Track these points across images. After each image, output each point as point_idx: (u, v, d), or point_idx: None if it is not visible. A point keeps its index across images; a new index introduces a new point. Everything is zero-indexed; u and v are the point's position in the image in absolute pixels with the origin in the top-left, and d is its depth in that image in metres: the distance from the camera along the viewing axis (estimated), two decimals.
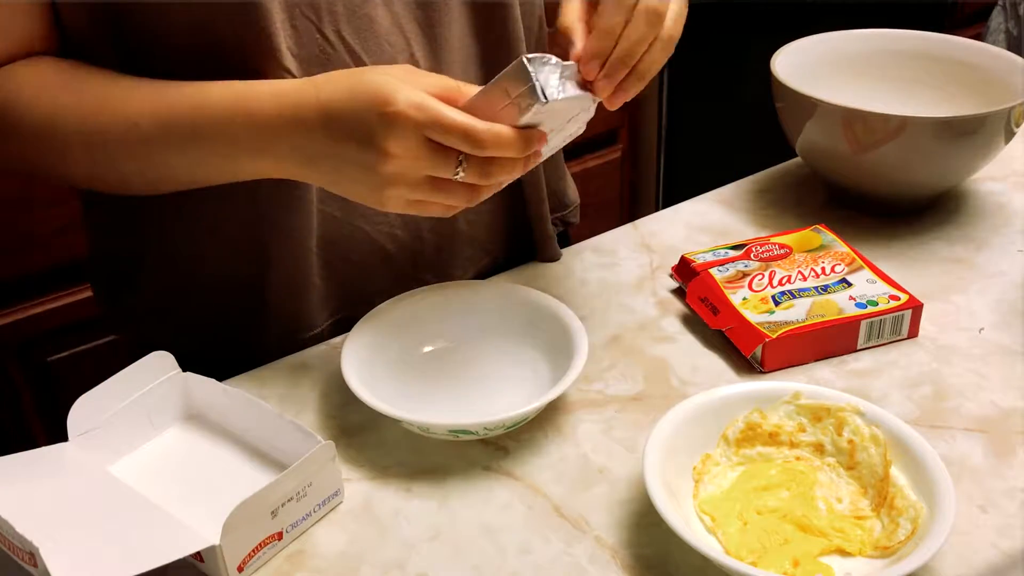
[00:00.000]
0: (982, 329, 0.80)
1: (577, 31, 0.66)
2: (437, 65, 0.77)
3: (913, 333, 0.79)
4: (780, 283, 0.81)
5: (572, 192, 0.98)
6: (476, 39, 0.79)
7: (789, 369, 0.76)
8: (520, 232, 0.90)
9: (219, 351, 0.82)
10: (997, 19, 1.87)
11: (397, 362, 0.76)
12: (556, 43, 0.67)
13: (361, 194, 0.65)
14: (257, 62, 0.68)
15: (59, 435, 0.66)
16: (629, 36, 0.64)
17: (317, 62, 0.71)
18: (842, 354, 0.78)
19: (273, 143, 0.65)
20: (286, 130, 0.64)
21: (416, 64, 0.76)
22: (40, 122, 0.68)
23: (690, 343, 0.80)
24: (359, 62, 0.72)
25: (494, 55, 0.80)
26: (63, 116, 0.67)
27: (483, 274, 0.89)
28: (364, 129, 0.61)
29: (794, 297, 0.79)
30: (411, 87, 0.61)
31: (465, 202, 0.65)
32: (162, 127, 0.66)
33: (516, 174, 0.65)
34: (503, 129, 0.61)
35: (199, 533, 0.59)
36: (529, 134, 0.63)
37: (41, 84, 0.68)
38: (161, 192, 0.73)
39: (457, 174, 0.63)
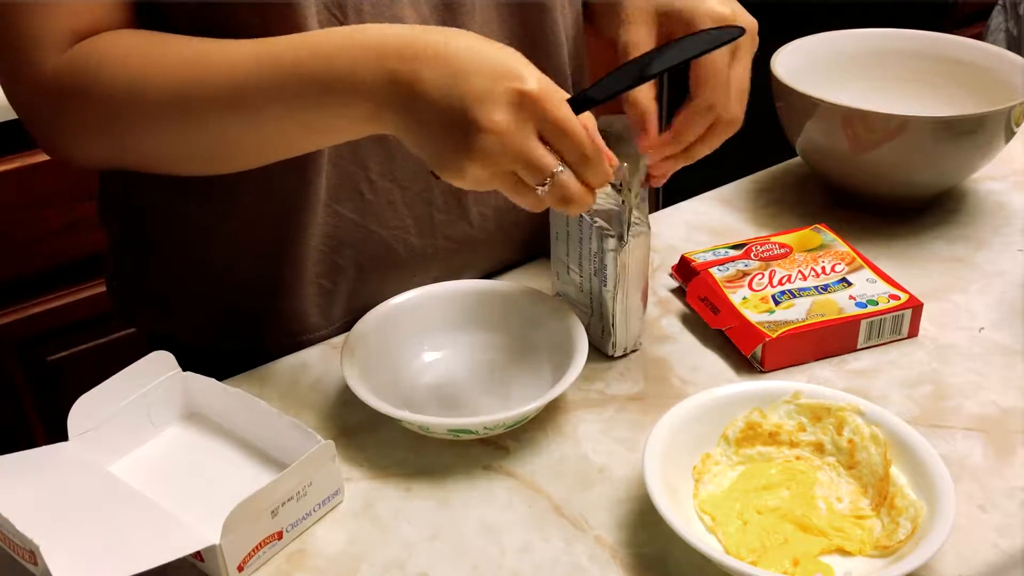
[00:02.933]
0: (982, 328, 0.80)
1: (651, 115, 0.70)
2: None
3: (913, 333, 0.79)
4: (780, 282, 0.81)
5: None
6: (508, 42, 0.79)
7: (789, 369, 0.76)
8: (542, 243, 0.90)
9: (227, 348, 0.82)
10: (997, 19, 1.87)
11: (397, 361, 0.76)
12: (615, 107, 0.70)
13: (440, 155, 0.59)
14: None
15: (59, 435, 0.66)
16: (698, 148, 0.72)
17: None
18: (842, 353, 0.78)
19: (380, 73, 0.59)
20: (404, 58, 0.58)
21: None
22: (130, 84, 0.63)
23: (690, 343, 0.80)
24: None
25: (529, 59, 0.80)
26: (155, 74, 0.63)
27: (490, 276, 0.89)
28: (482, 92, 0.56)
29: (794, 296, 0.79)
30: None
31: (529, 208, 0.62)
32: (261, 69, 0.61)
33: (583, 208, 0.62)
34: (603, 151, 0.61)
35: (199, 533, 0.59)
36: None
37: (127, 47, 0.65)
38: (239, 167, 0.69)
39: (543, 186, 0.60)
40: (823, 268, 0.82)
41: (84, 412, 0.66)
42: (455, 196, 0.81)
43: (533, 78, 0.57)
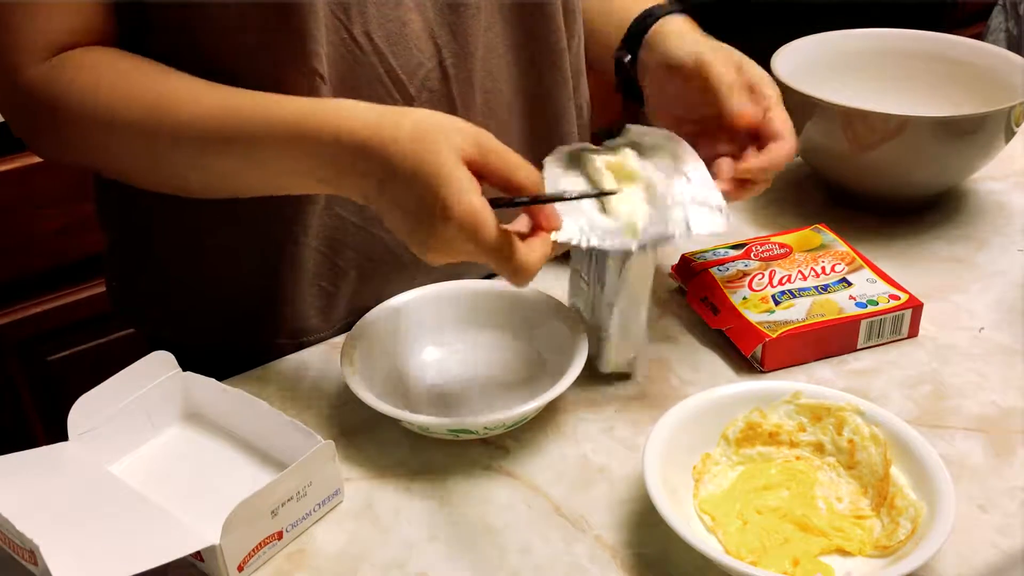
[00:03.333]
0: (982, 328, 0.80)
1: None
2: (468, 74, 0.76)
3: (913, 333, 0.79)
4: (780, 283, 0.81)
5: None
6: (511, 49, 0.79)
7: (789, 369, 0.76)
8: None
9: (227, 348, 0.82)
10: (997, 19, 1.87)
11: (397, 361, 0.76)
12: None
13: (402, 238, 0.64)
14: (285, 60, 0.68)
15: (59, 435, 0.66)
16: (737, 195, 0.73)
17: (344, 63, 0.70)
18: (842, 354, 0.78)
19: (328, 174, 0.64)
20: (346, 171, 0.62)
21: (445, 72, 0.75)
22: (102, 113, 0.66)
23: (690, 343, 0.80)
24: (387, 66, 0.72)
25: (529, 66, 0.80)
26: (125, 109, 0.65)
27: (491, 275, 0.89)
28: (416, 214, 0.60)
29: (794, 296, 0.79)
30: (468, 189, 0.59)
31: None
32: (225, 137, 0.64)
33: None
34: (539, 259, 0.62)
35: (199, 533, 0.59)
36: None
37: (101, 74, 0.67)
38: (218, 197, 0.71)
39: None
40: (823, 268, 0.82)
41: (84, 412, 0.66)
42: None
43: (457, 207, 0.58)
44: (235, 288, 0.81)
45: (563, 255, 0.87)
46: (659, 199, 0.69)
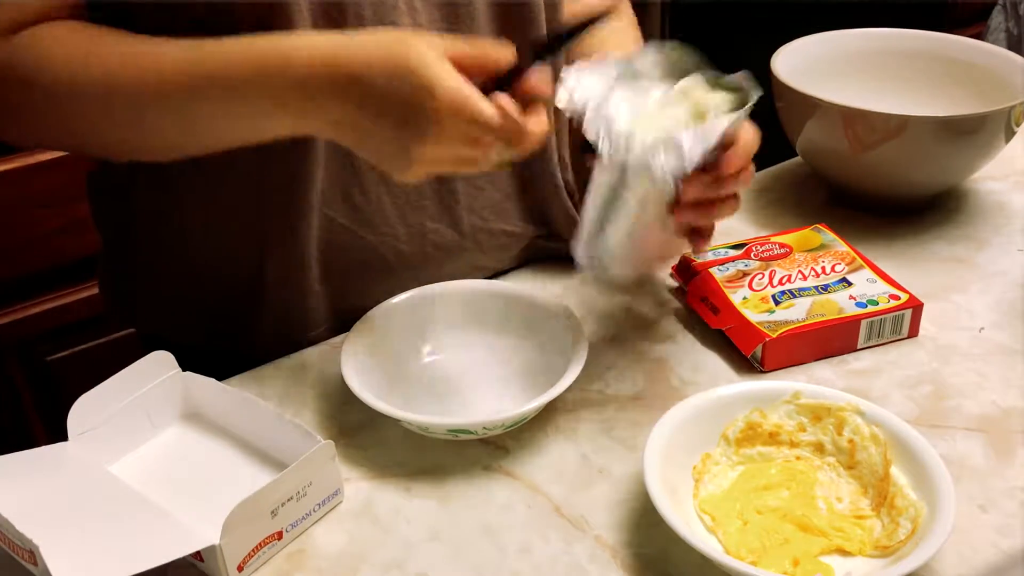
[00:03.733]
0: (982, 328, 0.80)
1: None
2: None
3: (913, 333, 0.79)
4: (780, 282, 0.81)
5: None
6: None
7: (789, 369, 0.76)
8: (535, 253, 0.89)
9: (218, 348, 0.82)
10: (997, 19, 1.87)
11: (397, 361, 0.76)
12: None
13: (384, 164, 0.64)
14: None
15: (59, 435, 0.66)
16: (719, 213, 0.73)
17: None
18: (842, 353, 0.78)
19: (302, 102, 0.63)
20: (320, 93, 0.62)
21: None
22: (64, 78, 0.65)
23: (690, 343, 0.80)
24: None
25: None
26: (84, 70, 0.65)
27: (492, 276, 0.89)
28: (402, 113, 0.60)
29: (794, 296, 0.79)
30: (451, 73, 0.59)
31: (492, 168, 0.66)
32: (195, 82, 0.64)
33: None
34: (540, 125, 0.63)
35: (199, 533, 0.59)
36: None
37: (71, 46, 0.66)
38: (185, 154, 0.71)
39: (491, 158, 0.63)
40: (823, 268, 0.82)
41: (84, 412, 0.66)
42: (447, 206, 0.81)
43: (442, 86, 0.59)
44: (226, 288, 0.81)
45: (567, 256, 0.87)
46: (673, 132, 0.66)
